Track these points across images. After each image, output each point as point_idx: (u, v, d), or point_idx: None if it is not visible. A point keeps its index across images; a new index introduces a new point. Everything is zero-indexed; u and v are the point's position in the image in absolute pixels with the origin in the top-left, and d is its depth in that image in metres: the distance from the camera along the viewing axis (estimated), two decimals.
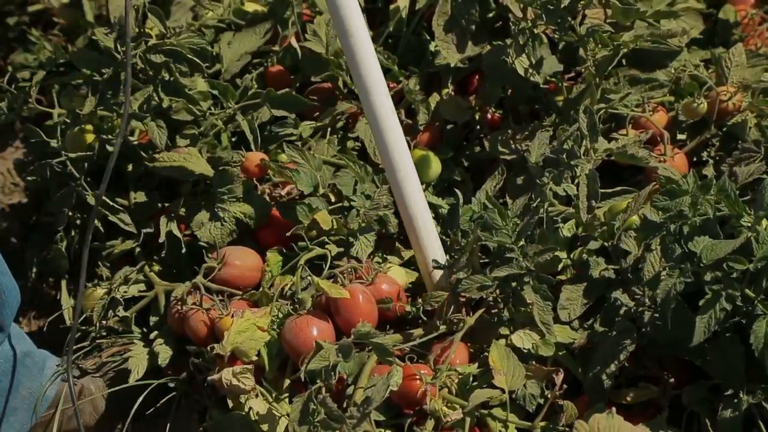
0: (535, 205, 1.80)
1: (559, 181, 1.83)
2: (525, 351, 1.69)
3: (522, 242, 1.73)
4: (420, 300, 1.84)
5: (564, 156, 1.84)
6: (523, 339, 1.69)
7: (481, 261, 1.82)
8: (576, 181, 1.84)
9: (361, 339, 1.68)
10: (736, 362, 1.52)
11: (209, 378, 1.80)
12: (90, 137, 2.21)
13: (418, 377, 1.66)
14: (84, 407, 2.01)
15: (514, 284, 1.75)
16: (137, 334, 2.07)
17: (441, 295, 1.82)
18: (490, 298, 1.77)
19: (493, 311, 1.81)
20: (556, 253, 1.77)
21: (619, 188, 1.89)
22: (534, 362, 1.68)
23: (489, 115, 2.19)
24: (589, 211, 1.79)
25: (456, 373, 1.70)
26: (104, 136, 2.22)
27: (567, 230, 1.84)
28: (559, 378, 1.60)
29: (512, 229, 1.74)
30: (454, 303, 1.81)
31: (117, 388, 1.98)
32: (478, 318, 1.78)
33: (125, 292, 2.09)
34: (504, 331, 1.76)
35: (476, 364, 1.74)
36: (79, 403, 1.97)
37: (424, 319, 1.84)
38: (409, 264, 1.98)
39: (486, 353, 1.70)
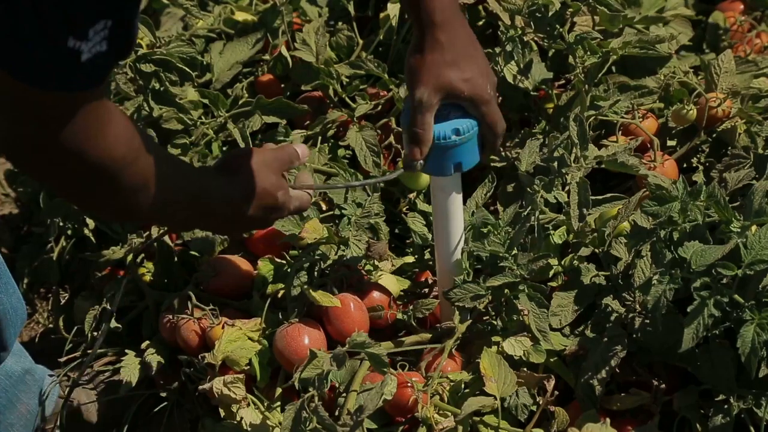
0: (525, 213, 1.80)
1: (549, 189, 1.83)
2: (516, 358, 1.69)
3: (514, 251, 1.73)
4: (411, 308, 1.84)
5: (554, 164, 1.85)
6: (515, 346, 1.69)
7: (474, 268, 1.82)
8: (567, 188, 1.84)
9: (355, 348, 1.68)
10: (727, 368, 1.52)
11: (200, 387, 1.80)
12: None
13: (409, 385, 1.66)
14: (79, 423, 2.01)
15: (507, 292, 1.74)
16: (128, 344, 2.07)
17: (432, 302, 1.82)
18: (482, 307, 1.77)
19: (485, 319, 1.81)
20: (548, 261, 1.77)
21: (609, 195, 1.90)
22: (525, 369, 1.68)
23: None
24: (580, 220, 1.80)
25: (447, 381, 1.70)
26: None
27: (558, 237, 1.84)
28: (550, 385, 1.60)
29: (504, 238, 1.75)
30: (446, 311, 1.82)
31: (110, 397, 1.99)
32: (470, 327, 1.78)
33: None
34: (496, 339, 1.76)
35: (468, 372, 1.74)
36: (76, 420, 1.98)
37: (416, 327, 1.84)
38: (401, 272, 1.98)
39: (478, 360, 1.70)
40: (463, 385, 1.69)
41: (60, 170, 1.18)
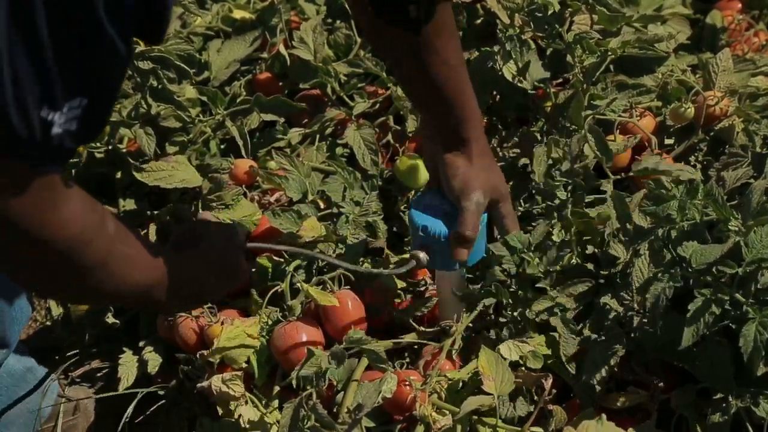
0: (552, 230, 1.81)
1: (581, 201, 1.85)
2: (513, 361, 1.69)
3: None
4: (409, 306, 1.84)
5: (579, 178, 1.87)
6: (512, 350, 1.69)
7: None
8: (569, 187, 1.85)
9: (352, 345, 1.68)
10: (725, 366, 1.52)
11: (199, 385, 1.80)
12: None
13: (407, 383, 1.65)
14: (78, 421, 2.01)
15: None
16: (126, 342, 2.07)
17: (430, 301, 1.82)
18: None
19: (486, 318, 1.81)
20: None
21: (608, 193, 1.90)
22: (524, 369, 1.67)
23: None
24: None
25: (445, 379, 1.70)
26: (92, 144, 2.22)
27: (556, 236, 1.84)
28: (548, 383, 1.60)
29: (535, 256, 1.75)
30: (444, 310, 1.82)
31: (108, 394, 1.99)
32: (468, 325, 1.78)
33: None
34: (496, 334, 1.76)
35: (466, 371, 1.74)
36: (75, 418, 1.98)
37: (414, 325, 1.84)
38: None
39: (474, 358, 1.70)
40: (460, 384, 1.69)
41: (7, 249, 1.11)
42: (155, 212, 2.21)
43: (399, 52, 1.58)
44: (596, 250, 1.79)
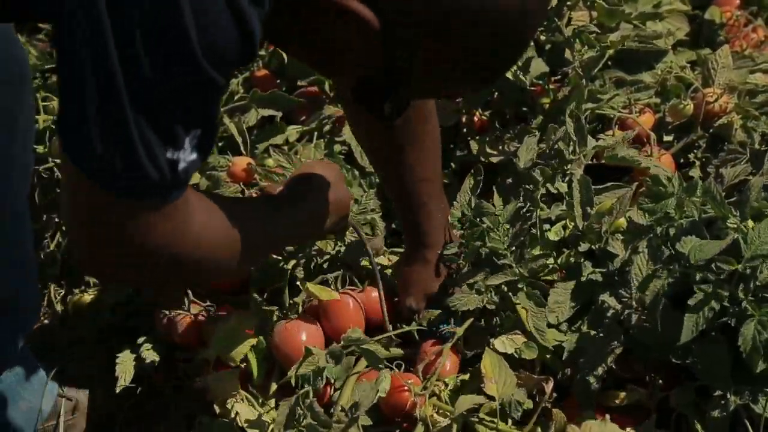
0: (525, 210, 1.80)
1: (552, 181, 1.84)
2: (509, 354, 1.68)
3: (513, 249, 1.73)
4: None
5: (554, 161, 1.85)
6: (505, 344, 1.68)
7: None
8: (566, 179, 1.84)
9: (351, 344, 1.68)
10: (723, 364, 1.52)
11: (195, 384, 1.79)
12: None
13: (406, 388, 1.64)
14: (77, 420, 2.01)
15: (504, 289, 1.74)
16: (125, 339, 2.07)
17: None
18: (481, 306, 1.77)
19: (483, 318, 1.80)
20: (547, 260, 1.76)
21: (609, 184, 1.89)
22: (525, 371, 1.66)
23: (476, 118, 2.19)
24: (585, 218, 1.79)
25: (443, 382, 1.69)
26: None
27: (554, 234, 1.84)
28: (548, 386, 1.59)
29: (503, 234, 1.74)
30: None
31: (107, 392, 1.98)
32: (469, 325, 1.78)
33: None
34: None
35: (466, 373, 1.73)
36: (74, 417, 1.98)
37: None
38: None
39: (469, 353, 1.70)
40: (459, 383, 1.68)
41: (143, 270, 1.22)
42: None
43: (374, 143, 1.75)
44: (594, 247, 1.79)
